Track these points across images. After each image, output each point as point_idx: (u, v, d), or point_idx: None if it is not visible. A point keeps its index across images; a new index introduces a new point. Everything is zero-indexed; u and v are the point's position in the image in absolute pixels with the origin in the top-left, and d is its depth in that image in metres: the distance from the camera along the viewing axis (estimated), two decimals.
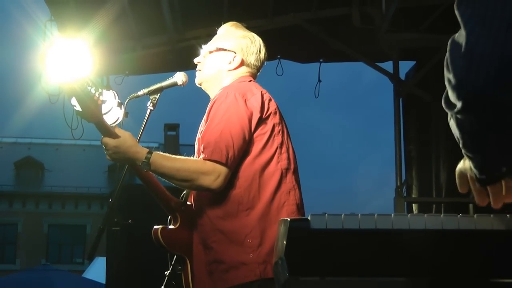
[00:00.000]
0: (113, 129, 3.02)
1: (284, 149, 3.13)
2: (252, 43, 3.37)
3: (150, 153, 2.99)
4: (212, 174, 2.96)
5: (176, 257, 3.32)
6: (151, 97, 3.36)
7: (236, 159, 3.01)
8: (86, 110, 2.90)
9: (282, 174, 3.09)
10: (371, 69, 7.68)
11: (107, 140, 3.01)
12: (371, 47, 7.50)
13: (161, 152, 3.07)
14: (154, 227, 3.21)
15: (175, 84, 3.40)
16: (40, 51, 7.01)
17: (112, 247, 6.22)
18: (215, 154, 2.96)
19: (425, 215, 1.85)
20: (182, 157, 3.07)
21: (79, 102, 2.88)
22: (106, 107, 3.22)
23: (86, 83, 2.86)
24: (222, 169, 2.96)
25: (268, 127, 3.10)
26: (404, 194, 7.38)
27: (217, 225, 3.06)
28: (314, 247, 1.81)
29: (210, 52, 3.36)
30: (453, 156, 7.35)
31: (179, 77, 3.40)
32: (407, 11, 7.12)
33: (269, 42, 3.49)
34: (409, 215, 1.86)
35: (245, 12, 6.84)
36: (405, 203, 7.34)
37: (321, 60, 8.04)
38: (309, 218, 1.82)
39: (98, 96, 2.90)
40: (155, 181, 3.20)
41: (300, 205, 3.14)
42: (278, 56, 7.77)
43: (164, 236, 3.19)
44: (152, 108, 3.37)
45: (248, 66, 3.36)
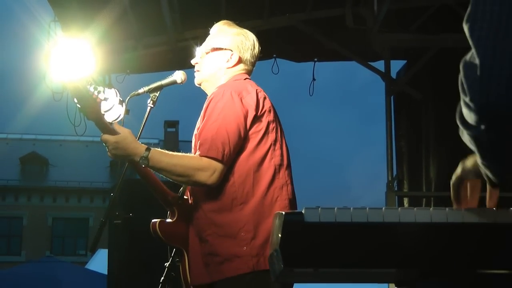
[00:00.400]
0: (113, 127, 3.02)
1: (278, 146, 3.13)
2: (247, 40, 3.37)
3: (149, 150, 2.99)
4: (208, 170, 2.96)
5: (175, 249, 3.32)
6: (151, 95, 3.35)
7: (232, 156, 3.00)
8: (86, 108, 2.91)
9: (276, 170, 3.09)
10: (364, 68, 7.69)
11: (107, 137, 3.00)
12: (364, 47, 7.51)
13: (159, 149, 3.07)
14: (153, 221, 3.22)
15: (175, 82, 3.40)
16: (44, 51, 7.02)
17: (114, 240, 6.22)
18: (211, 151, 2.96)
19: (415, 209, 1.85)
20: (179, 154, 3.07)
21: (79, 100, 2.88)
22: (108, 105, 3.22)
23: (87, 82, 2.86)
24: (218, 165, 2.96)
25: (263, 125, 3.09)
26: (395, 189, 7.38)
27: (212, 219, 3.06)
28: (308, 240, 1.81)
29: (207, 53, 3.34)
30: (443, 152, 7.37)
31: (178, 76, 3.39)
32: (398, 13, 7.13)
33: (265, 42, 3.49)
34: (400, 209, 1.86)
35: (242, 13, 6.84)
36: (396, 197, 7.35)
37: (316, 60, 8.04)
38: (303, 212, 1.82)
39: (97, 95, 2.90)
40: (153, 176, 3.20)
41: (293, 200, 3.14)
42: (274, 56, 7.77)
43: (162, 229, 3.19)
44: (152, 106, 3.36)
45: (244, 63, 3.35)
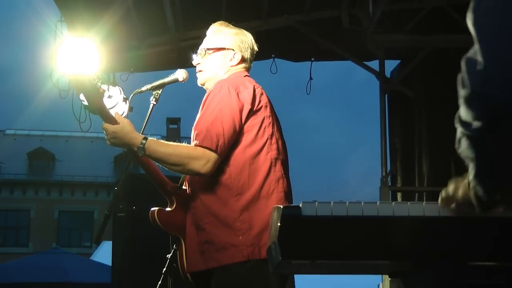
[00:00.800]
0: (114, 117, 3.03)
1: (274, 140, 3.13)
2: (246, 39, 3.38)
3: (146, 139, 3.00)
4: (202, 159, 2.97)
5: (172, 237, 3.32)
6: (154, 93, 3.35)
7: (226, 148, 3.01)
8: (89, 98, 2.93)
9: (272, 164, 3.09)
10: (360, 68, 7.68)
11: (107, 126, 3.01)
12: (359, 47, 7.50)
13: (156, 139, 3.07)
14: (151, 209, 3.22)
15: (176, 81, 3.40)
16: (51, 50, 7.01)
17: (118, 232, 6.23)
18: (206, 141, 2.97)
19: (408, 203, 1.86)
20: (175, 143, 3.08)
21: (83, 90, 2.90)
22: (112, 102, 3.22)
23: (90, 76, 2.88)
24: (212, 155, 2.97)
25: (259, 119, 3.10)
26: (389, 184, 7.38)
27: (209, 209, 3.07)
28: (305, 233, 1.81)
29: (209, 53, 3.33)
30: (434, 149, 7.38)
31: (180, 74, 3.39)
32: (393, 14, 7.13)
33: (264, 42, 3.50)
34: (394, 203, 1.86)
35: (242, 15, 6.83)
36: (390, 192, 7.34)
37: (312, 59, 8.02)
38: (301, 206, 1.83)
39: (100, 85, 2.93)
40: (153, 166, 3.21)
41: (288, 193, 3.14)
42: (272, 55, 7.75)
43: (160, 217, 3.20)
44: (155, 103, 3.36)
45: (245, 62, 3.37)
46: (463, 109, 1.40)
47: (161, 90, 3.37)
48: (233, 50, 3.32)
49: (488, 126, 1.38)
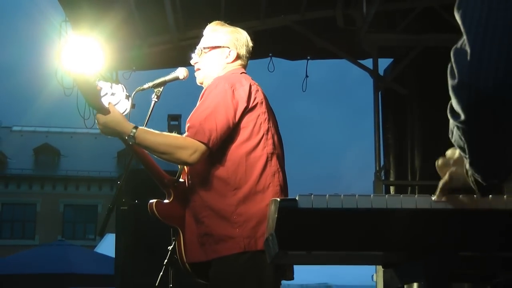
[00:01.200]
0: (107, 108, 3.01)
1: (270, 136, 3.13)
2: (241, 36, 3.37)
3: (136, 128, 2.98)
4: (190, 149, 2.96)
5: (172, 229, 3.32)
6: (156, 90, 3.35)
7: (218, 143, 3.00)
8: (86, 94, 2.94)
9: (268, 158, 3.09)
10: (354, 66, 7.67)
11: (99, 116, 3.00)
12: (353, 46, 7.49)
13: (147, 128, 3.06)
14: (150, 201, 3.22)
15: (177, 78, 3.39)
16: (56, 49, 7.00)
17: (121, 225, 6.22)
18: (198, 135, 2.97)
19: (401, 196, 1.86)
20: (165, 133, 3.08)
21: (80, 88, 2.91)
22: (115, 99, 3.22)
23: (87, 73, 2.90)
24: (200, 146, 2.96)
25: (254, 116, 3.09)
26: (383, 178, 7.39)
27: (207, 202, 3.07)
28: (302, 224, 1.81)
29: (206, 52, 3.33)
30: (426, 144, 7.38)
31: (181, 72, 3.39)
32: (386, 14, 7.14)
33: (262, 42, 3.49)
34: (387, 196, 1.86)
35: (240, 15, 6.81)
36: (383, 186, 7.35)
37: (308, 58, 8.02)
38: (297, 199, 1.82)
39: (97, 82, 2.97)
40: (151, 160, 3.22)
41: (284, 187, 3.14)
42: (270, 54, 7.75)
43: (159, 209, 3.20)
44: (157, 100, 3.36)
45: (241, 59, 3.35)
46: (453, 99, 1.40)
47: (163, 88, 3.37)
48: (229, 48, 3.32)
49: (475, 115, 1.37)
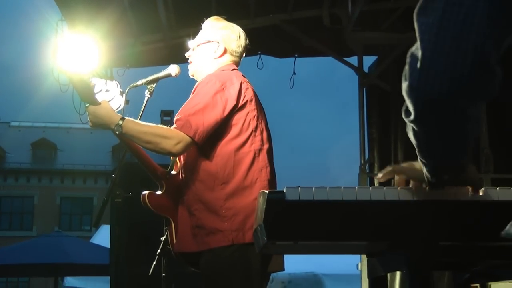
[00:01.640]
0: (98, 102, 2.99)
1: (258, 132, 3.12)
2: (232, 32, 3.35)
3: (123, 119, 2.96)
4: (174, 139, 2.94)
5: (165, 220, 3.32)
6: (149, 87, 3.34)
7: (204, 138, 2.98)
8: (79, 90, 2.93)
9: (255, 154, 3.08)
10: (340, 63, 7.67)
11: (89, 108, 2.98)
12: (339, 44, 7.50)
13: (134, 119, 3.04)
14: (143, 192, 3.21)
15: (169, 75, 3.38)
16: (52, 46, 6.96)
17: (115, 216, 6.20)
18: (185, 128, 2.95)
19: (385, 188, 1.86)
20: (151, 124, 3.04)
21: (74, 86, 2.90)
22: (110, 95, 3.21)
23: (80, 71, 2.90)
24: (185, 138, 2.94)
25: (244, 113, 3.08)
26: (367, 171, 7.40)
27: (198, 196, 3.07)
28: (289, 216, 1.81)
29: (198, 46, 3.34)
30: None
31: (173, 69, 3.38)
32: (370, 13, 7.13)
33: (251, 40, 3.47)
34: (371, 188, 1.86)
35: (230, 14, 6.76)
36: (368, 178, 7.37)
37: (296, 55, 8.00)
38: (285, 191, 1.82)
39: (90, 79, 2.97)
40: (144, 153, 3.21)
41: (272, 180, 3.13)
42: (259, 52, 7.73)
43: (151, 200, 3.20)
44: (150, 96, 3.35)
45: (231, 54, 3.33)
46: (406, 100, 1.46)
47: (155, 84, 3.36)
48: (218, 43, 3.30)
49: (422, 117, 1.45)
